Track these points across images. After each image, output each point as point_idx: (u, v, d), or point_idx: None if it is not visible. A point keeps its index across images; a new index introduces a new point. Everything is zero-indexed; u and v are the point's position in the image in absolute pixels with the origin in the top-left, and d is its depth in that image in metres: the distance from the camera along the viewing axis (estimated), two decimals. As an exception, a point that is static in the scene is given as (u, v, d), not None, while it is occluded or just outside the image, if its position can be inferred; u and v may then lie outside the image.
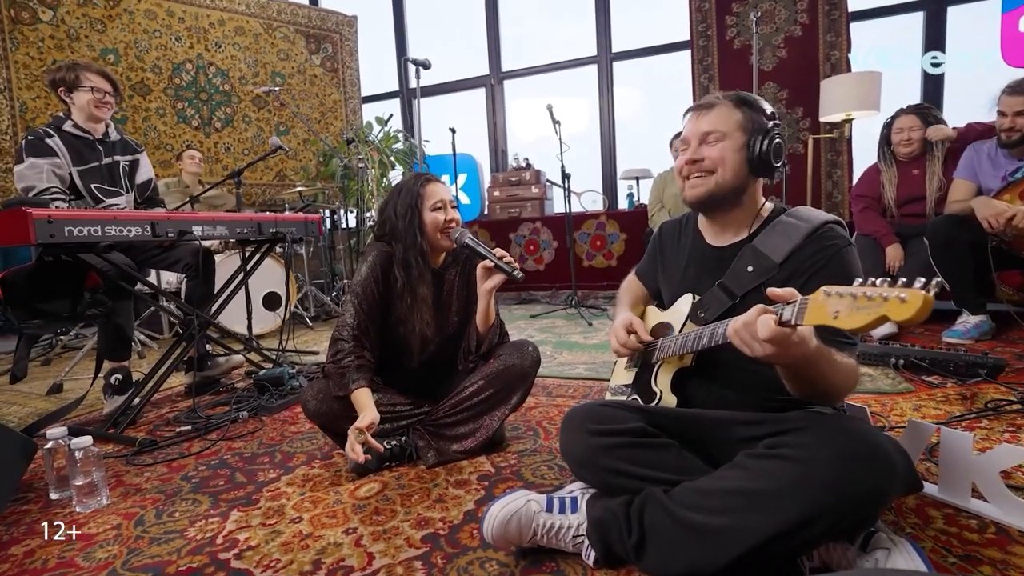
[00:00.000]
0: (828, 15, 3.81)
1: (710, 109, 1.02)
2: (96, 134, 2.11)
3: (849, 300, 0.60)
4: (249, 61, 4.77)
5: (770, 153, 0.98)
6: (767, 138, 0.98)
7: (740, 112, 1.01)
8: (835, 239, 0.96)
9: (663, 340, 1.12)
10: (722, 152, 1.00)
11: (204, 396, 2.17)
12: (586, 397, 1.88)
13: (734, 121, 1.00)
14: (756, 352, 0.74)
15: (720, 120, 1.01)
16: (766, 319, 0.71)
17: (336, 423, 1.34)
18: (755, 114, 1.00)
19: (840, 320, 0.60)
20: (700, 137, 1.02)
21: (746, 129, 1.00)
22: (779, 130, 1.00)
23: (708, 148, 1.01)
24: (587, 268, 4.42)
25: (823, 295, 0.64)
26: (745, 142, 1.00)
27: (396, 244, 1.42)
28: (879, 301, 0.56)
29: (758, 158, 0.99)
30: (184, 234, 1.82)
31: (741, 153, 1.00)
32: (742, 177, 1.01)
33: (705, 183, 1.02)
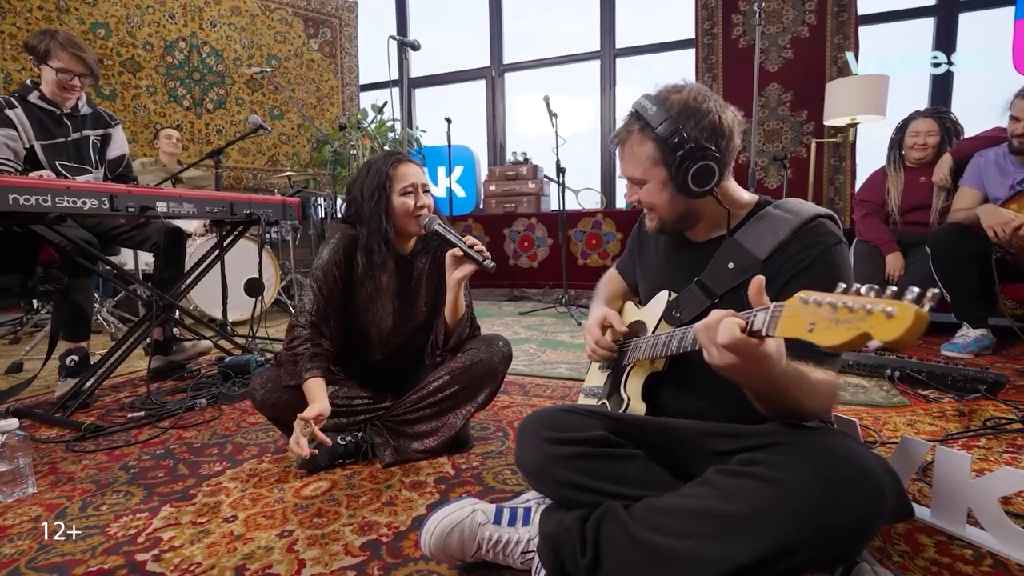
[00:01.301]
0: (837, 16, 3.71)
1: (622, 146, 0.94)
2: (64, 107, 2.01)
3: (828, 311, 0.49)
4: (245, 42, 4.66)
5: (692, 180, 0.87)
6: (685, 164, 0.86)
7: (650, 142, 0.88)
8: (823, 235, 0.86)
9: (635, 341, 1.02)
10: (649, 196, 0.93)
11: (167, 381, 2.08)
12: (564, 398, 1.79)
13: (646, 157, 0.89)
14: (714, 359, 0.64)
15: (633, 161, 0.92)
16: (730, 323, 0.61)
17: (286, 415, 1.24)
18: (666, 137, 0.86)
19: (816, 334, 0.50)
20: (628, 179, 0.95)
21: (662, 160, 0.88)
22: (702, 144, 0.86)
23: (640, 190, 0.94)
24: (581, 267, 4.32)
25: (799, 302, 0.54)
26: (666, 176, 0.89)
27: (360, 227, 1.32)
28: (861, 315, 0.45)
29: (688, 188, 0.87)
30: (146, 210, 1.73)
31: (667, 188, 0.90)
32: (683, 206, 0.93)
33: (654, 219, 0.96)
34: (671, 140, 0.86)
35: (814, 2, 3.75)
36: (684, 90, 0.90)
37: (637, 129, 0.90)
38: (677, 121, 0.87)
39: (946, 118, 2.53)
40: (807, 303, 0.52)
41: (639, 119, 0.90)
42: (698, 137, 0.86)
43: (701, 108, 0.88)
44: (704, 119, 0.88)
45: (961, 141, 2.44)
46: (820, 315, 0.49)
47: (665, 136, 0.86)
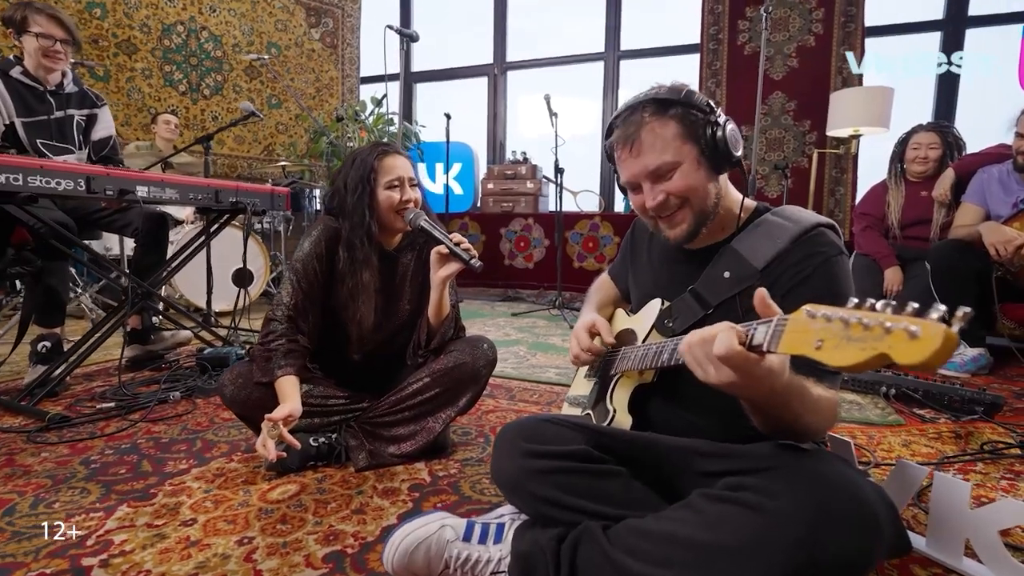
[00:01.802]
0: (844, 27, 3.68)
1: (638, 137, 0.83)
2: (48, 84, 1.95)
3: (839, 327, 0.44)
4: (244, 29, 4.59)
5: (728, 144, 0.81)
6: (715, 128, 0.81)
7: (672, 121, 0.82)
8: (824, 245, 0.81)
9: (624, 350, 0.97)
10: (684, 180, 0.82)
11: (143, 372, 2.01)
12: (550, 404, 1.74)
13: (673, 135, 0.82)
14: (710, 377, 0.59)
15: (660, 146, 0.82)
16: (728, 334, 0.56)
17: (256, 413, 1.18)
18: (686, 108, 0.81)
19: (824, 352, 0.44)
20: (649, 176, 0.84)
21: (690, 135, 0.82)
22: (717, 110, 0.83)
23: (666, 183, 0.83)
24: (577, 269, 4.28)
25: (805, 316, 0.49)
26: (699, 151, 0.82)
27: (343, 221, 1.27)
28: (878, 333, 0.40)
29: (721, 157, 0.82)
30: (125, 193, 1.67)
31: (702, 166, 0.83)
32: (715, 188, 0.85)
33: (685, 218, 0.85)
34: (699, 104, 0.81)
35: (821, 11, 3.71)
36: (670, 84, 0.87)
37: (650, 114, 0.83)
38: (693, 92, 0.83)
39: (948, 132, 2.49)
40: (814, 317, 0.47)
41: (648, 105, 0.83)
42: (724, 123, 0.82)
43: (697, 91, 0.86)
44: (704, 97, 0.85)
45: (964, 156, 2.41)
46: (829, 332, 0.44)
47: (691, 103, 0.81)
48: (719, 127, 0.81)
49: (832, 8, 3.68)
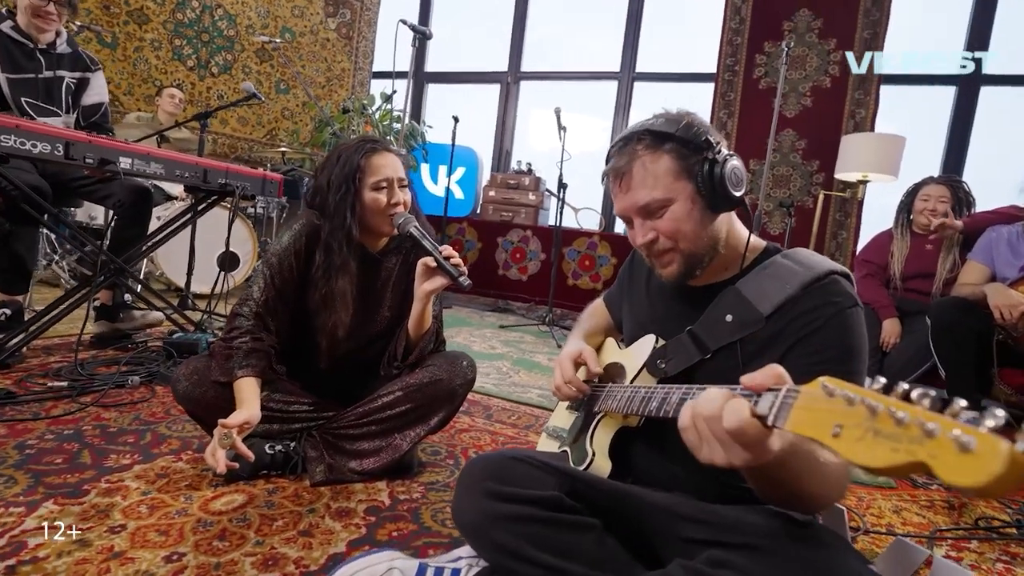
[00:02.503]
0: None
1: (629, 171, 0.78)
2: (40, 42, 1.87)
3: (863, 414, 0.36)
4: (260, 11, 4.53)
5: (727, 183, 0.74)
6: (713, 166, 0.74)
7: (666, 156, 0.76)
8: (838, 295, 0.75)
9: (610, 387, 0.90)
10: (674, 222, 0.76)
11: (107, 351, 1.92)
12: (529, 429, 1.65)
13: (665, 170, 0.76)
14: (717, 458, 0.52)
15: (651, 182, 0.76)
16: (739, 406, 0.49)
17: (210, 413, 1.10)
18: (684, 141, 0.75)
19: (844, 443, 0.37)
20: (638, 212, 0.79)
21: (685, 171, 0.76)
22: (719, 144, 0.76)
23: (656, 222, 0.78)
24: (571, 287, 4.21)
25: (821, 392, 0.41)
26: (694, 189, 0.76)
27: (324, 220, 1.19)
28: (916, 434, 0.32)
29: (719, 197, 0.75)
30: (106, 163, 1.58)
31: (696, 205, 0.76)
32: (711, 229, 0.79)
33: (674, 259, 0.79)
34: (696, 138, 0.75)
35: (839, 54, 3.70)
36: (675, 111, 0.81)
37: (644, 147, 0.78)
38: (693, 124, 0.77)
39: (959, 187, 2.45)
40: (832, 395, 0.39)
41: (643, 136, 0.78)
42: (718, 140, 0.76)
43: (704, 122, 0.79)
44: (710, 129, 0.79)
45: (976, 214, 2.37)
46: (851, 417, 0.37)
47: (689, 137, 0.75)
48: (718, 164, 0.74)
49: (850, 52, 3.67)
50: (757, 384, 0.49)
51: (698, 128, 0.76)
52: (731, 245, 0.83)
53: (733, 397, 0.50)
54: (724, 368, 0.80)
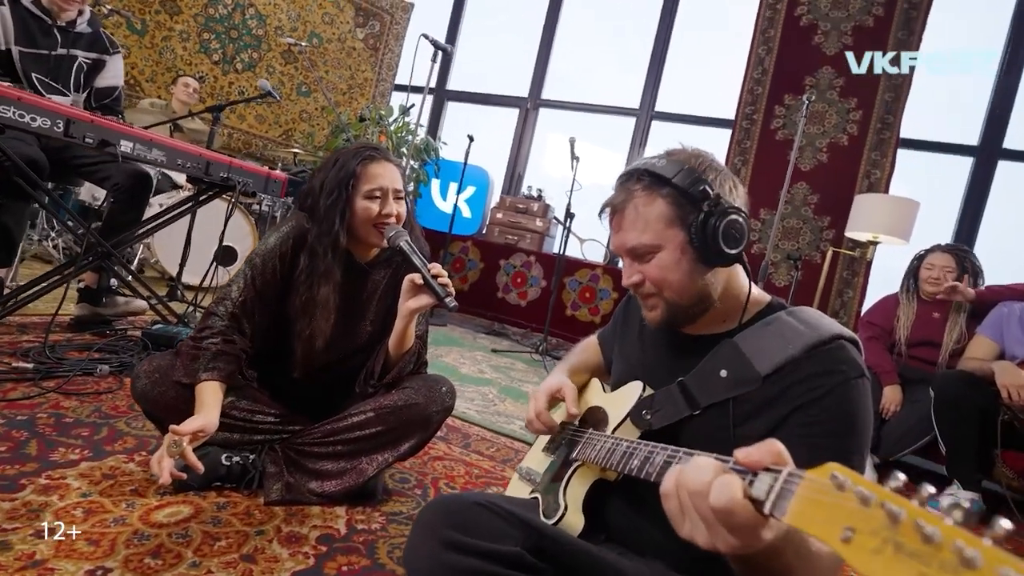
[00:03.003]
0: (878, 133, 3.66)
1: (622, 210, 0.75)
2: (59, 19, 1.87)
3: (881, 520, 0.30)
4: (291, 14, 4.61)
5: (719, 239, 0.70)
6: (708, 219, 0.70)
7: (661, 200, 0.72)
8: (844, 363, 0.69)
9: (590, 434, 0.83)
10: (660, 270, 0.73)
11: (84, 335, 1.86)
12: (507, 463, 1.58)
13: (658, 216, 0.72)
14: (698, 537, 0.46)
15: (639, 225, 0.73)
16: (729, 484, 0.43)
17: (168, 415, 1.03)
18: (683, 189, 0.71)
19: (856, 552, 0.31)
20: (627, 253, 0.76)
21: (679, 219, 0.72)
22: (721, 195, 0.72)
23: (644, 266, 0.75)
24: (569, 317, 4.15)
25: (830, 483, 0.35)
26: (685, 239, 0.72)
27: (312, 224, 1.15)
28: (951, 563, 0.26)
29: (711, 251, 0.71)
30: (106, 145, 1.56)
31: (686, 256, 0.72)
32: (701, 282, 0.74)
33: (658, 305, 0.76)
34: (694, 189, 0.70)
35: (859, 113, 3.71)
36: (687, 149, 0.78)
37: (641, 188, 0.74)
38: (696, 171, 0.72)
39: (965, 257, 2.41)
40: (843, 489, 0.34)
41: (643, 176, 0.74)
42: (720, 191, 0.72)
43: (714, 165, 0.76)
44: (720, 174, 0.75)
45: (992, 286, 2.31)
46: (866, 521, 0.31)
47: (685, 186, 0.71)
48: (714, 217, 0.70)
49: (870, 113, 3.68)
50: (753, 461, 0.43)
51: (700, 175, 0.72)
52: (730, 296, 0.78)
53: (725, 472, 0.44)
54: (713, 428, 0.74)
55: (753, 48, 4.00)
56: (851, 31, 3.76)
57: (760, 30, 3.99)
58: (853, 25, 3.76)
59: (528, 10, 5.07)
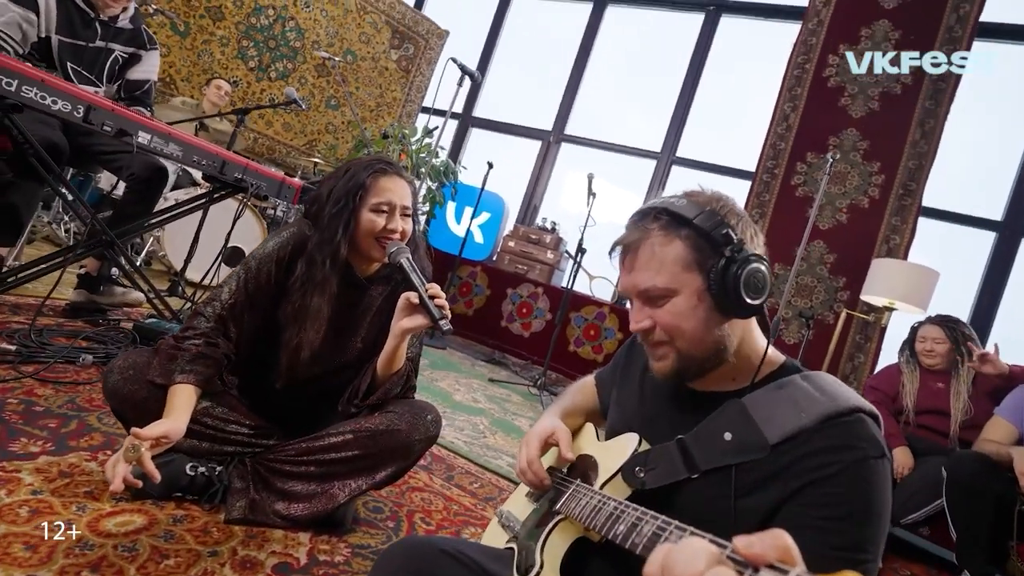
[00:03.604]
0: (900, 199, 3.62)
1: (636, 250, 0.70)
2: (102, 14, 1.90)
3: None
4: (330, 30, 4.74)
5: (741, 288, 0.65)
6: (730, 265, 0.65)
7: (679, 242, 0.67)
8: (863, 440, 0.62)
9: (577, 486, 0.77)
10: (674, 317, 0.68)
11: (77, 321, 1.83)
12: (489, 502, 1.49)
13: (673, 260, 0.67)
14: None
15: (653, 266, 0.68)
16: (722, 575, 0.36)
17: (137, 415, 0.97)
18: (705, 231, 0.66)
19: None
20: (638, 295, 0.70)
21: (698, 263, 0.67)
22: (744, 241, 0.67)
23: (656, 311, 0.69)
24: (571, 353, 4.07)
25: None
26: (703, 285, 0.67)
27: (314, 231, 1.11)
28: None
29: (731, 301, 0.66)
30: (123, 134, 1.56)
31: (703, 303, 0.67)
32: (715, 333, 0.69)
33: (668, 355, 0.70)
34: (716, 232, 0.65)
35: (882, 177, 3.68)
36: (708, 192, 0.73)
37: (658, 226, 0.69)
38: (718, 213, 0.68)
39: (955, 329, 2.34)
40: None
41: (661, 215, 0.69)
42: (743, 237, 0.67)
43: (736, 209, 0.71)
44: (742, 220, 0.70)
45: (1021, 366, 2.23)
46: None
47: (707, 228, 0.66)
48: (736, 264, 0.65)
49: (893, 178, 3.65)
50: (755, 555, 0.37)
51: (722, 218, 0.67)
52: (743, 354, 0.72)
53: (720, 563, 0.38)
54: (712, 496, 0.67)
55: (779, 104, 4.02)
56: (878, 96, 3.77)
57: (787, 87, 4.01)
58: (881, 91, 3.77)
59: (560, 46, 5.18)
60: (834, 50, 3.92)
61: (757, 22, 4.54)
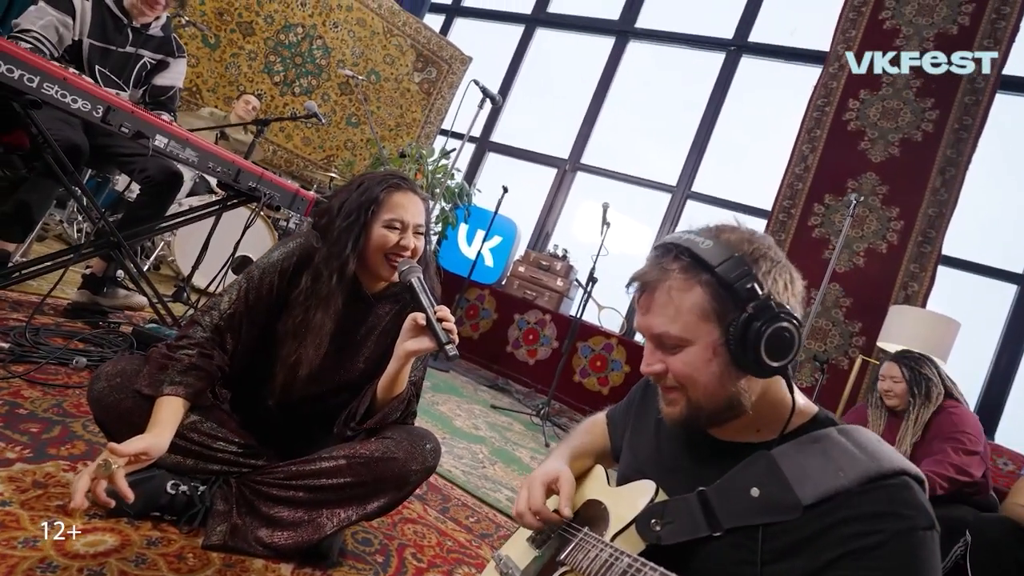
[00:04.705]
0: (919, 246, 3.56)
1: (652, 291, 0.65)
2: (135, 21, 1.93)
3: None
4: (356, 50, 4.83)
5: (761, 350, 0.59)
6: (751, 323, 0.59)
7: (699, 288, 0.62)
8: (911, 508, 0.56)
9: (585, 535, 0.70)
10: (686, 367, 0.63)
11: (77, 322, 1.80)
12: (485, 539, 1.41)
13: (691, 308, 0.62)
14: None
15: (672, 313, 0.63)
16: None
17: (120, 427, 0.92)
18: (727, 282, 0.61)
19: None
20: (651, 339, 0.66)
21: (717, 315, 0.62)
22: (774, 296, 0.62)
23: (668, 357, 0.65)
24: (576, 384, 3.98)
25: None
26: (721, 338, 0.62)
27: (323, 244, 1.08)
28: None
29: (749, 360, 0.60)
30: (141, 136, 1.55)
31: (718, 357, 0.62)
32: (731, 388, 0.64)
33: (679, 401, 0.66)
34: (739, 284, 0.60)
35: (900, 223, 3.63)
36: (741, 229, 0.67)
37: (678, 269, 0.64)
38: (744, 261, 0.62)
39: (914, 368, 2.17)
40: None
41: (683, 255, 0.64)
42: (771, 290, 0.61)
43: (770, 254, 0.65)
44: (776, 267, 0.64)
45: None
46: None
47: (730, 279, 0.60)
48: (759, 323, 0.59)
49: (912, 224, 3.60)
50: None
51: (749, 268, 0.61)
52: (767, 403, 0.66)
53: None
54: (736, 558, 0.61)
55: (797, 144, 4.01)
56: (899, 142, 3.74)
57: (806, 128, 4.01)
58: (901, 137, 3.75)
59: (581, 77, 5.24)
60: (854, 94, 3.92)
61: (777, 64, 4.58)
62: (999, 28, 3.59)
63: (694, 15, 4.86)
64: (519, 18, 5.59)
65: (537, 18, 5.50)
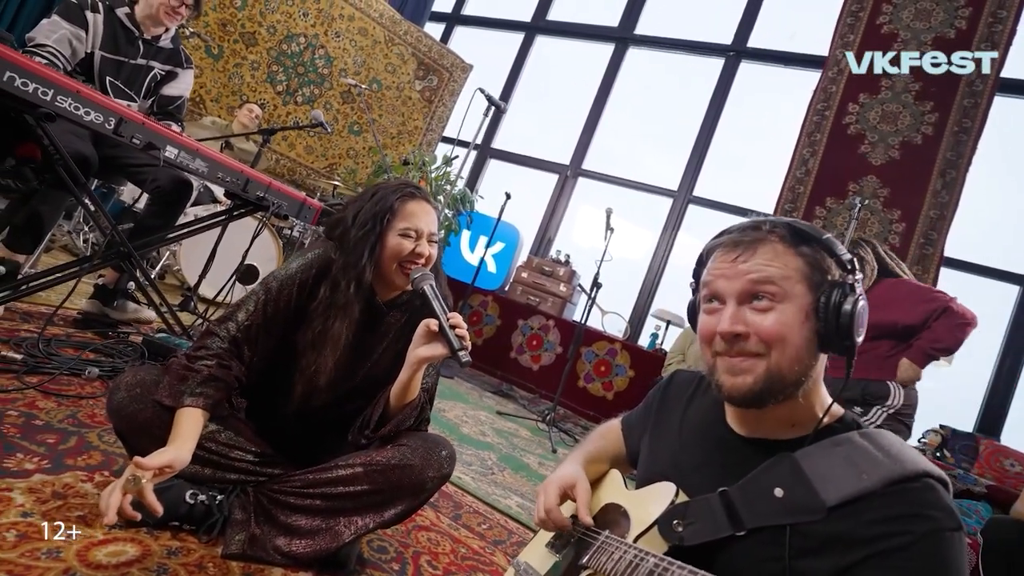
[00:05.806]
0: (921, 248, 3.58)
1: (754, 247, 0.66)
2: (146, 34, 1.95)
3: None
4: (358, 60, 4.87)
5: (852, 319, 0.62)
6: (847, 294, 0.63)
7: (799, 257, 0.66)
8: (937, 509, 0.57)
9: (606, 538, 0.71)
10: (780, 324, 0.63)
11: (87, 332, 1.80)
12: (499, 547, 1.41)
13: (794, 268, 0.65)
14: None
15: (776, 263, 0.65)
16: None
17: (139, 437, 0.93)
18: (820, 255, 0.66)
19: None
20: (742, 294, 0.66)
21: (813, 282, 0.65)
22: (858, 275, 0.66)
23: (757, 315, 0.64)
24: (580, 389, 3.98)
25: None
26: (812, 304, 0.64)
27: (339, 254, 1.09)
28: None
29: (833, 331, 0.63)
30: (152, 147, 1.56)
31: (808, 323, 0.64)
32: (808, 359, 0.65)
33: (753, 370, 0.64)
34: (841, 257, 0.65)
35: (902, 226, 3.64)
36: None
37: (778, 236, 0.67)
38: (835, 246, 0.67)
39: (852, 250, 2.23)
40: None
41: (781, 228, 0.68)
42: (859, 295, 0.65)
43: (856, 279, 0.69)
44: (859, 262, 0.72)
45: None
46: None
47: (833, 250, 0.66)
48: (852, 296, 0.63)
49: (914, 227, 3.61)
50: None
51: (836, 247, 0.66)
52: (810, 398, 0.67)
53: None
54: (762, 556, 0.61)
55: (798, 148, 4.03)
56: (899, 145, 3.77)
57: (807, 132, 4.03)
58: (901, 140, 3.78)
59: (581, 84, 5.27)
60: (854, 99, 3.95)
61: (776, 68, 4.61)
62: (996, 32, 3.62)
63: (693, 21, 4.90)
64: (519, 26, 5.63)
65: (537, 26, 5.54)
